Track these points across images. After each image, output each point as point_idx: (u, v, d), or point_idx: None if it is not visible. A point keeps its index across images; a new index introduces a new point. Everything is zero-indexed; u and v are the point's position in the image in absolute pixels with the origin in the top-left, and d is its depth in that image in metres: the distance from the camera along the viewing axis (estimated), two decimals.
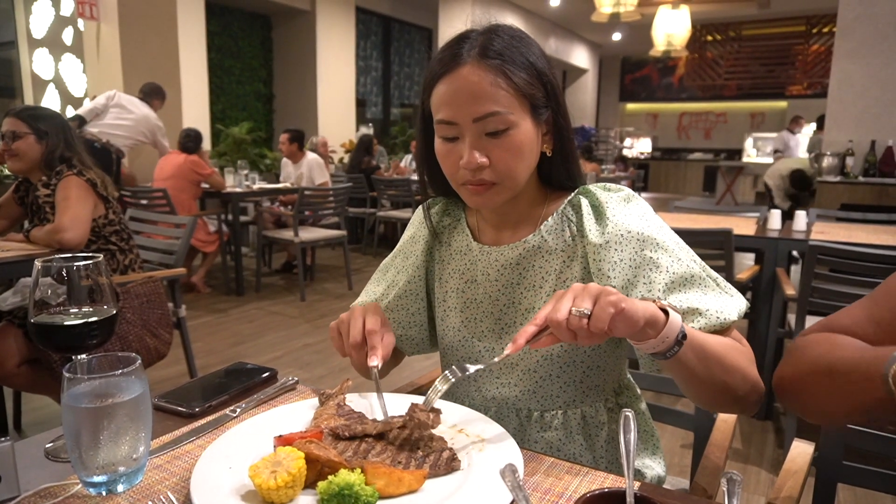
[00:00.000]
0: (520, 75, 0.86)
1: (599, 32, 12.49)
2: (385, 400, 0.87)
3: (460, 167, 0.88)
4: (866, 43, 4.85)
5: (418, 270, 1.06)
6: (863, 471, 1.05)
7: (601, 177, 8.03)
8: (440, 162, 0.93)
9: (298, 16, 7.92)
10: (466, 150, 0.87)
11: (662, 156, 14.61)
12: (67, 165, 2.17)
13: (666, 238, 0.90)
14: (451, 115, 0.87)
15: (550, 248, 0.95)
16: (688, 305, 0.86)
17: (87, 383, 0.68)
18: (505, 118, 0.85)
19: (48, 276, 0.78)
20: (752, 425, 2.68)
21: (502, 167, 0.88)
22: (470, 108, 0.85)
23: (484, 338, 0.99)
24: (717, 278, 0.90)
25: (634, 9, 7.69)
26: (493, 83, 0.85)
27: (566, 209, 0.96)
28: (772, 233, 2.85)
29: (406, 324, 1.07)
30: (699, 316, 0.85)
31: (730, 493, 0.58)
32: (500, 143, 0.87)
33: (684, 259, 0.89)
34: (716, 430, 1.09)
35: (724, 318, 0.85)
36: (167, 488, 0.70)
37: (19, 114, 2.19)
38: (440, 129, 0.90)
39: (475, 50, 0.87)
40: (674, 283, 0.87)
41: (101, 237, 2.23)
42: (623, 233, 0.89)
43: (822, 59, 12.49)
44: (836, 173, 4.98)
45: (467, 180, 0.89)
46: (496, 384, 0.98)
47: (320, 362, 3.43)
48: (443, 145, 0.91)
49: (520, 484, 0.60)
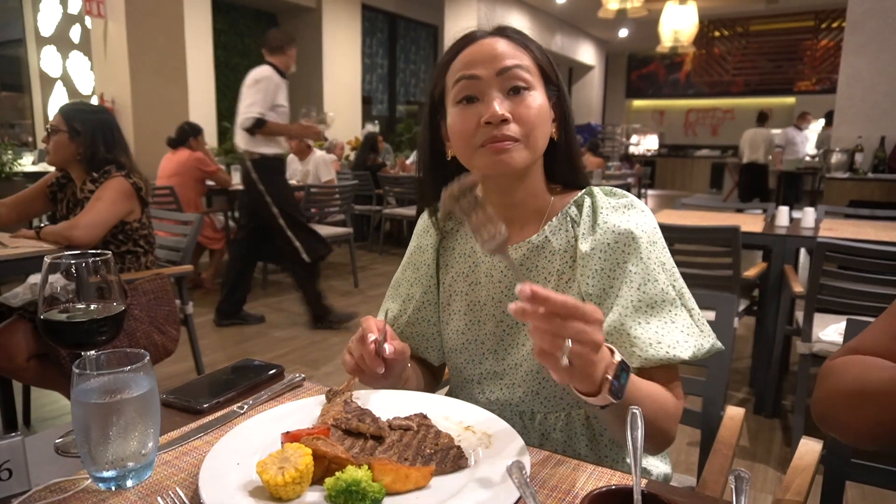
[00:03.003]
0: (535, 49, 0.93)
1: (606, 29, 12.45)
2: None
3: (481, 124, 0.88)
4: (876, 38, 4.82)
5: (432, 280, 1.05)
6: (871, 468, 1.04)
7: (606, 173, 8.01)
8: (456, 132, 0.91)
9: (304, 13, 7.92)
10: (488, 102, 0.87)
11: (669, 153, 14.55)
12: (117, 166, 2.21)
13: (652, 255, 0.88)
14: (474, 70, 0.88)
15: (553, 248, 0.94)
16: (642, 332, 0.85)
17: (97, 379, 0.68)
18: (527, 77, 0.89)
19: (57, 273, 0.79)
20: (759, 423, 2.67)
21: (525, 122, 0.88)
22: (495, 62, 0.88)
23: (487, 340, 0.99)
24: (692, 310, 0.89)
25: (641, 5, 7.66)
26: (514, 48, 0.90)
27: (570, 209, 0.95)
28: (780, 230, 2.83)
29: (429, 335, 1.07)
30: (649, 347, 0.84)
31: (738, 491, 0.58)
32: (522, 101, 0.88)
33: (662, 281, 0.87)
34: (723, 428, 1.09)
35: (672, 355, 0.84)
36: (176, 484, 0.70)
37: (63, 110, 2.23)
38: (460, 89, 0.90)
39: (490, 32, 0.93)
40: (641, 302, 0.86)
41: (132, 239, 2.28)
42: (610, 241, 0.89)
43: (831, 55, 12.40)
44: (845, 169, 4.94)
45: (488, 138, 0.88)
46: (499, 385, 0.98)
47: (327, 359, 3.44)
48: (461, 110, 0.90)
49: (527, 481, 0.60)
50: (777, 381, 2.70)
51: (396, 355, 0.89)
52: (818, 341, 2.22)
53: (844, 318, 1.11)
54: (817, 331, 2.24)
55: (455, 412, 0.85)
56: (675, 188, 13.86)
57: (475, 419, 0.83)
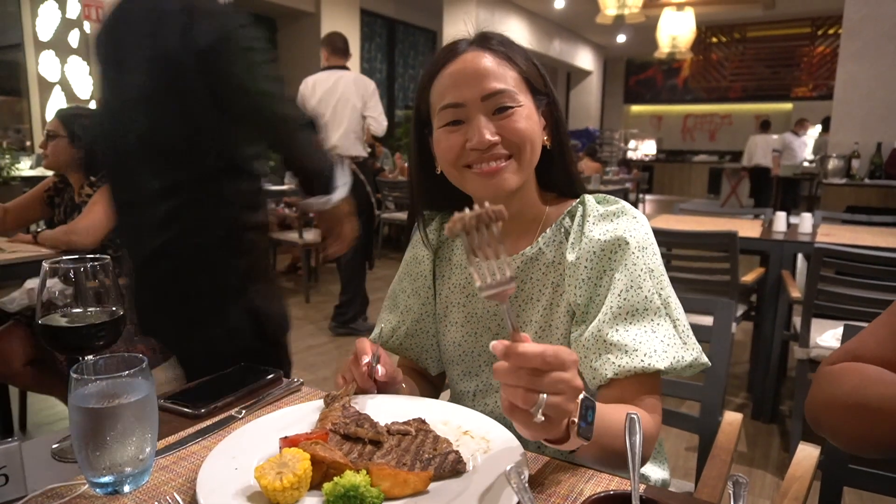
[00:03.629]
0: (520, 59, 0.89)
1: (604, 34, 12.48)
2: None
3: (466, 149, 0.86)
4: (872, 44, 4.84)
5: (429, 291, 1.05)
6: (869, 474, 1.04)
7: (604, 178, 8.02)
8: (442, 153, 0.90)
9: (303, 18, 7.93)
10: (475, 128, 0.85)
11: (667, 158, 14.58)
12: None
13: (639, 261, 0.86)
14: (458, 97, 0.86)
15: (548, 259, 0.93)
16: (619, 339, 0.83)
17: (94, 384, 0.68)
18: (512, 96, 0.86)
19: (55, 278, 0.79)
20: (757, 428, 2.67)
21: (515, 138, 0.86)
22: (478, 87, 0.85)
23: (483, 352, 0.99)
24: (677, 320, 0.86)
25: (639, 11, 7.68)
26: (499, 63, 0.87)
27: (564, 220, 0.94)
28: (777, 235, 2.84)
29: (428, 346, 1.07)
30: (624, 355, 0.82)
31: (736, 496, 0.58)
32: (510, 119, 0.86)
33: (646, 289, 0.85)
34: (721, 433, 1.09)
35: (647, 364, 0.81)
36: (173, 489, 0.70)
37: (61, 114, 2.23)
38: (444, 115, 0.88)
39: (473, 42, 0.89)
40: (622, 309, 0.84)
41: None
42: (596, 250, 0.87)
43: (828, 61, 12.45)
44: (842, 175, 4.96)
45: (475, 158, 0.86)
46: (495, 398, 0.98)
47: (325, 364, 3.43)
48: (446, 133, 0.88)
49: (525, 486, 0.60)
50: (775, 387, 2.70)
51: (388, 378, 0.90)
52: (816, 346, 2.23)
53: (842, 323, 1.11)
54: (815, 336, 2.25)
55: (453, 417, 0.85)
56: (672, 193, 13.88)
57: (473, 424, 0.83)
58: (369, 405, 0.88)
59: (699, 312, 1.21)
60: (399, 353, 1.09)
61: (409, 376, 1.07)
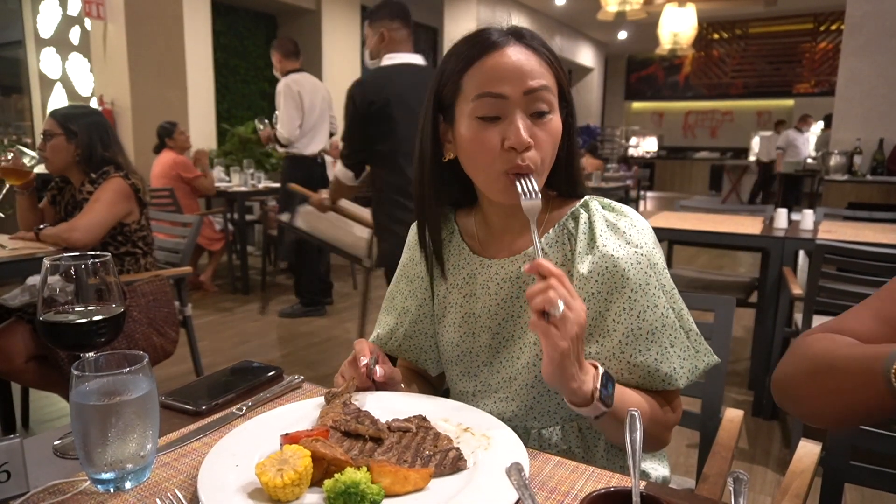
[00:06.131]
0: (555, 64, 0.89)
1: (605, 31, 12.47)
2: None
3: (505, 147, 0.84)
4: (874, 40, 4.83)
5: (427, 292, 1.04)
6: (870, 471, 1.04)
7: (605, 175, 8.01)
8: (474, 149, 0.87)
9: (304, 15, 7.93)
10: (516, 126, 0.83)
11: (668, 155, 14.56)
12: (115, 167, 2.21)
13: (651, 279, 0.87)
14: (501, 88, 0.83)
15: (550, 261, 0.93)
16: (641, 361, 0.86)
17: (96, 381, 0.68)
18: (551, 99, 0.86)
19: (56, 275, 0.79)
20: (758, 425, 2.67)
21: (544, 150, 0.86)
22: (522, 81, 0.84)
23: (482, 352, 0.98)
24: (689, 331, 0.89)
25: (640, 7, 7.67)
26: (540, 62, 0.86)
27: (567, 221, 0.93)
28: (778, 232, 2.83)
29: (427, 347, 1.07)
30: (647, 375, 0.87)
31: (736, 493, 0.58)
32: (544, 127, 0.86)
33: (661, 306, 0.87)
34: (722, 430, 1.09)
35: (667, 385, 0.88)
36: (174, 486, 0.70)
37: (55, 114, 2.22)
38: (482, 105, 0.85)
39: (509, 36, 0.87)
40: (641, 330, 0.86)
41: (131, 241, 2.27)
42: (608, 265, 0.87)
43: (830, 57, 12.42)
44: (844, 172, 4.95)
45: (512, 166, 0.84)
46: (493, 399, 0.97)
47: (325, 361, 3.44)
48: (481, 126, 0.85)
49: (525, 483, 0.60)
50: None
51: (386, 378, 0.90)
52: None
53: None
54: None
55: (454, 414, 0.85)
56: (674, 190, 13.87)
57: (474, 421, 0.83)
58: (370, 402, 0.88)
59: (701, 309, 1.21)
60: (398, 355, 1.09)
61: (408, 377, 1.08)
